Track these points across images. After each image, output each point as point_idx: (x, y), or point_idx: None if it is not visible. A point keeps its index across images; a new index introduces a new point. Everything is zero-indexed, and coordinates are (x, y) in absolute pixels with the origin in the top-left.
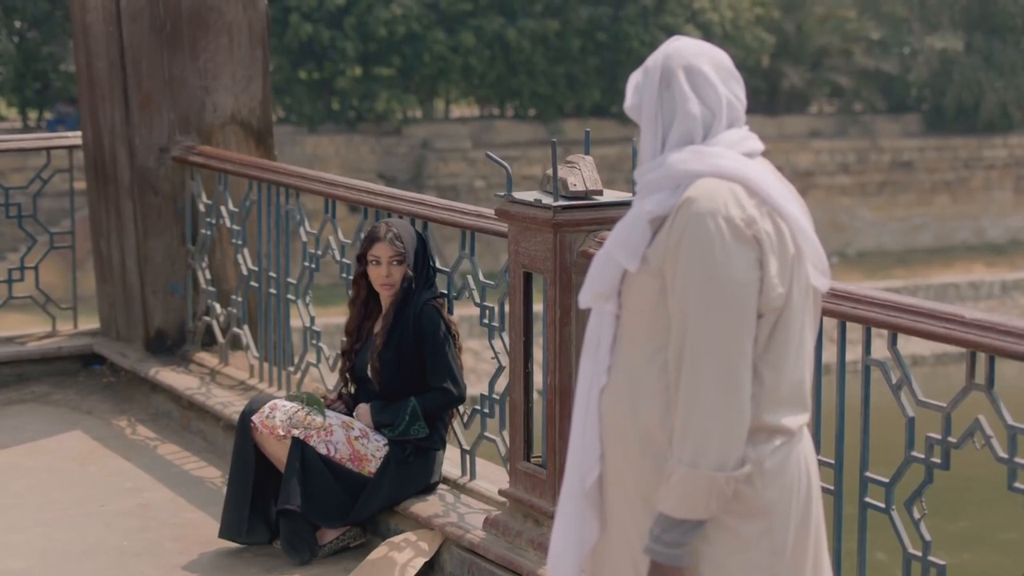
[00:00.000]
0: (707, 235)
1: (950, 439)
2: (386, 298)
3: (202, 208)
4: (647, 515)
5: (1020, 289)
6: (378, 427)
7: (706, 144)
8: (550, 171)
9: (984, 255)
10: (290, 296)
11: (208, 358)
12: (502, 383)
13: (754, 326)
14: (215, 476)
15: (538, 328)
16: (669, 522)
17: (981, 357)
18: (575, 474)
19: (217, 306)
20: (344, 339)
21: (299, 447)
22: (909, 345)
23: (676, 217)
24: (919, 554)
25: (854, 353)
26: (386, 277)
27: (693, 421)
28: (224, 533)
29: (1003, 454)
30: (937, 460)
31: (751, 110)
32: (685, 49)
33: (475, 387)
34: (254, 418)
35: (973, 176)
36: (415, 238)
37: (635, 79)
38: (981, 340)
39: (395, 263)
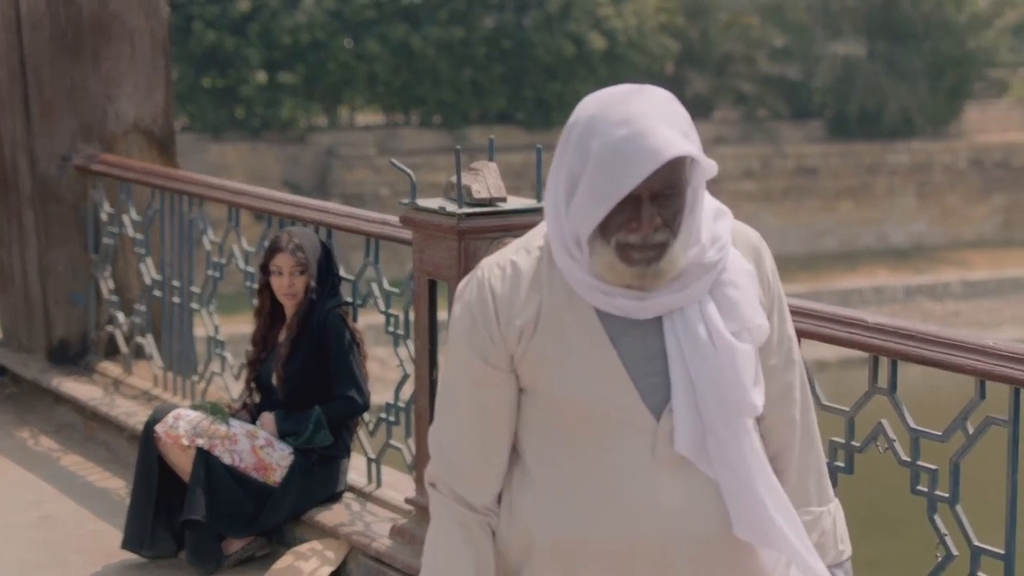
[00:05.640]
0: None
1: (854, 443)
2: (290, 308)
3: (104, 217)
4: None
5: (923, 293)
6: (283, 436)
7: None
8: (454, 178)
9: (887, 260)
10: (194, 305)
11: (111, 368)
12: (407, 391)
13: None
14: (119, 487)
15: (443, 336)
16: (849, 563)
17: (884, 361)
18: None
19: (120, 316)
20: (250, 349)
21: (204, 457)
22: (813, 350)
23: (759, 250)
24: None
25: None
26: (288, 287)
27: (818, 452)
28: (127, 544)
29: (906, 457)
30: (841, 464)
31: None
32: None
33: (381, 395)
34: (158, 428)
35: (876, 182)
36: (318, 247)
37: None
38: (884, 344)
39: (297, 273)
